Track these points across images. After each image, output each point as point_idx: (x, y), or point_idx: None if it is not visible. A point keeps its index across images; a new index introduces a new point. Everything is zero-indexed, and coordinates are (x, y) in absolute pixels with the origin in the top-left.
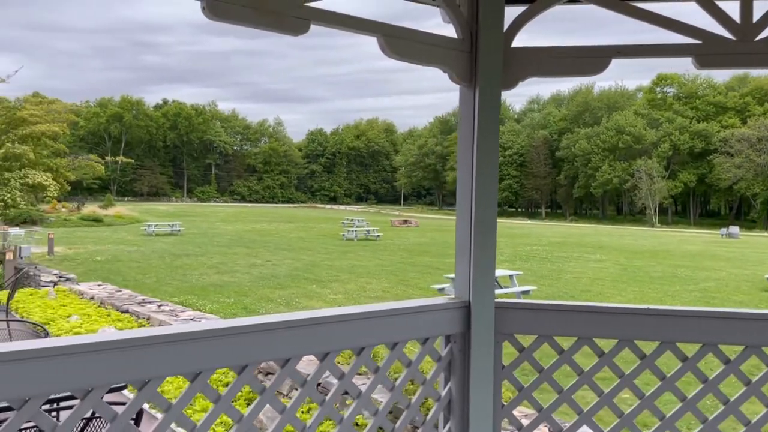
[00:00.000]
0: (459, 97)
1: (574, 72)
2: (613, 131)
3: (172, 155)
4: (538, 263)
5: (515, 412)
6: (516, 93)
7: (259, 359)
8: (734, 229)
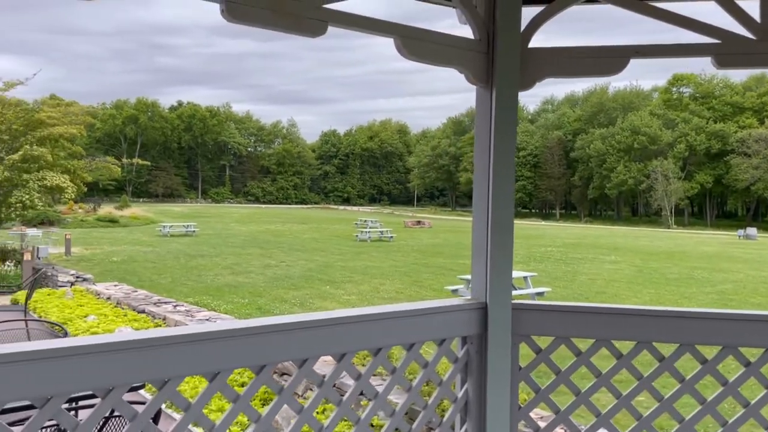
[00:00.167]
0: (475, 98)
1: (592, 72)
2: (629, 132)
3: (187, 156)
4: (552, 265)
5: (532, 414)
6: (530, 93)
7: (277, 359)
8: (752, 230)
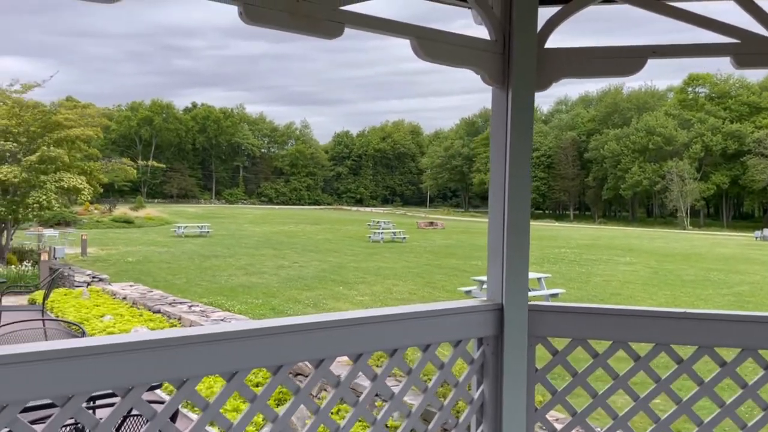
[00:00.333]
0: (491, 99)
1: (609, 73)
2: (643, 132)
3: (201, 158)
4: (566, 266)
5: (548, 416)
6: (544, 94)
7: (294, 360)
8: None
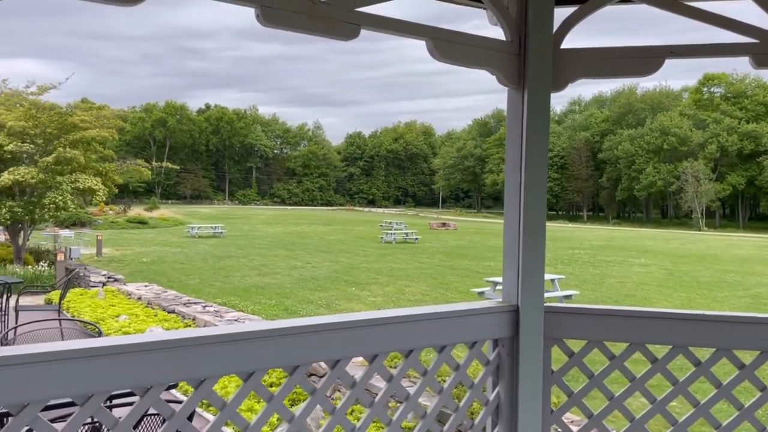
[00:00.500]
0: (507, 100)
1: (626, 73)
2: (658, 132)
3: (215, 159)
4: (580, 267)
5: (564, 419)
6: (557, 95)
7: (310, 360)
8: None
